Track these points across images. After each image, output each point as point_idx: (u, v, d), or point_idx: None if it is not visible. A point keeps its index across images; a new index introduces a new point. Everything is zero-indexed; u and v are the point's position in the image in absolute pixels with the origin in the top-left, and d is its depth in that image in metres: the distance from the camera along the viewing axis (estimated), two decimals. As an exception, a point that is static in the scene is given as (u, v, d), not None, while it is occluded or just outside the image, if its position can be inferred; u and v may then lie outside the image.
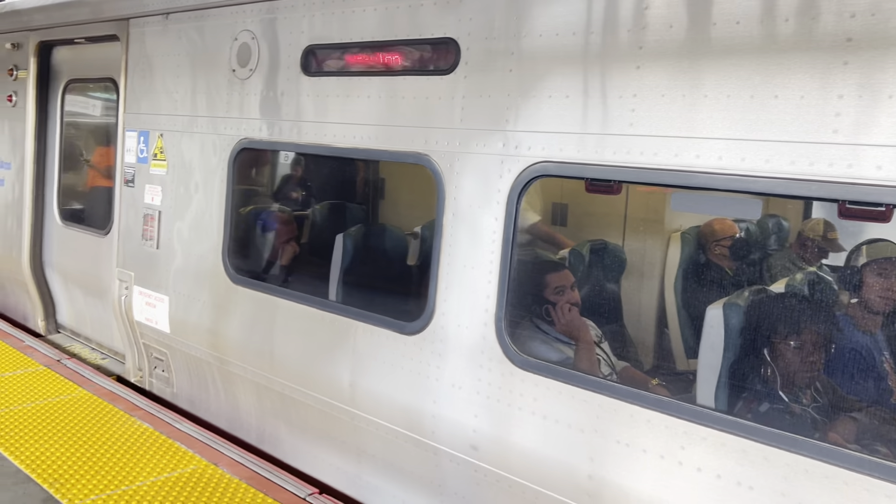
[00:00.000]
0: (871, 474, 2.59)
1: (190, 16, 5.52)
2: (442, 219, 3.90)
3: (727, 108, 2.93)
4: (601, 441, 3.30)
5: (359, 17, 4.34)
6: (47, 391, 5.70)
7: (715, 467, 2.96)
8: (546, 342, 3.94)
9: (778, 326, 3.35)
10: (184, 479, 4.44)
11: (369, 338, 4.28)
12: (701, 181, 3.01)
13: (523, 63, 3.59)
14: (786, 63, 2.79)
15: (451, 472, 3.95)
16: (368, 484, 4.48)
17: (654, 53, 3.14)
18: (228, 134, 5.21)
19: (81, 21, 6.72)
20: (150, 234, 5.92)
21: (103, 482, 4.35)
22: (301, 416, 4.84)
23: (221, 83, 5.26)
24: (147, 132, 5.98)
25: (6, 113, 7.99)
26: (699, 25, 3.01)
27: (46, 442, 4.83)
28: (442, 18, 3.93)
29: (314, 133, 4.59)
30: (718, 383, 3.32)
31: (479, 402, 3.75)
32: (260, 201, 5.81)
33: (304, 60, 4.66)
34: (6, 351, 6.57)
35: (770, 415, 3.26)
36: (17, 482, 4.31)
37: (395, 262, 5.14)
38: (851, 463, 2.64)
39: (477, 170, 3.76)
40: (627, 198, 4.76)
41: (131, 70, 6.11)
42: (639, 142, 3.18)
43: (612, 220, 4.89)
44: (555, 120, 3.46)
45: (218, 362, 5.40)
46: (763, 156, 2.84)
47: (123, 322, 6.31)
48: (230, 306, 5.21)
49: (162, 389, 6.16)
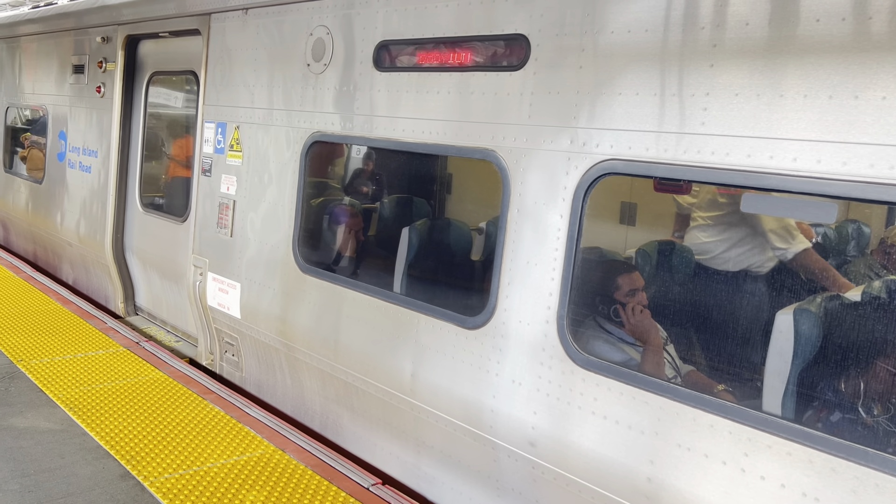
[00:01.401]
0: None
1: (268, 11, 5.67)
2: (507, 215, 3.91)
3: (804, 109, 2.84)
4: (661, 444, 3.25)
5: (431, 13, 4.38)
6: (126, 371, 5.97)
7: (779, 476, 2.89)
8: (609, 342, 3.91)
9: (851, 334, 3.24)
10: (252, 463, 4.59)
11: (431, 330, 4.33)
12: (774, 183, 2.93)
13: (594, 60, 3.56)
14: (868, 63, 2.69)
15: (508, 467, 3.96)
16: (427, 475, 4.54)
17: (728, 51, 3.07)
18: (302, 127, 5.34)
19: (166, 16, 6.98)
20: (225, 222, 6.12)
21: (176, 462, 4.54)
22: (363, 404, 4.93)
23: (296, 77, 5.39)
24: (224, 124, 6.18)
25: (95, 103, 8.37)
26: (777, 23, 2.93)
27: (125, 420, 5.07)
28: (513, 14, 3.93)
29: (384, 127, 4.66)
30: (786, 390, 3.23)
31: (538, 400, 3.75)
32: (330, 193, 5.94)
33: (376, 55, 4.73)
34: (90, 332, 6.91)
35: (840, 425, 3.15)
36: (97, 457, 4.54)
37: (459, 256, 5.18)
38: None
39: (543, 166, 3.75)
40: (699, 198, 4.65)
41: (211, 63, 6.32)
42: (710, 141, 3.12)
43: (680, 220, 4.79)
44: (624, 117, 3.42)
45: (285, 349, 5.55)
46: (840, 158, 2.74)
47: (197, 307, 6.54)
48: (299, 295, 5.35)
49: (231, 373, 6.37)
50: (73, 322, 7.15)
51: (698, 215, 4.35)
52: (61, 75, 9.20)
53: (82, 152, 8.63)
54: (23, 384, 5.55)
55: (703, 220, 4.33)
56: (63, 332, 6.81)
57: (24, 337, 6.61)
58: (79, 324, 7.11)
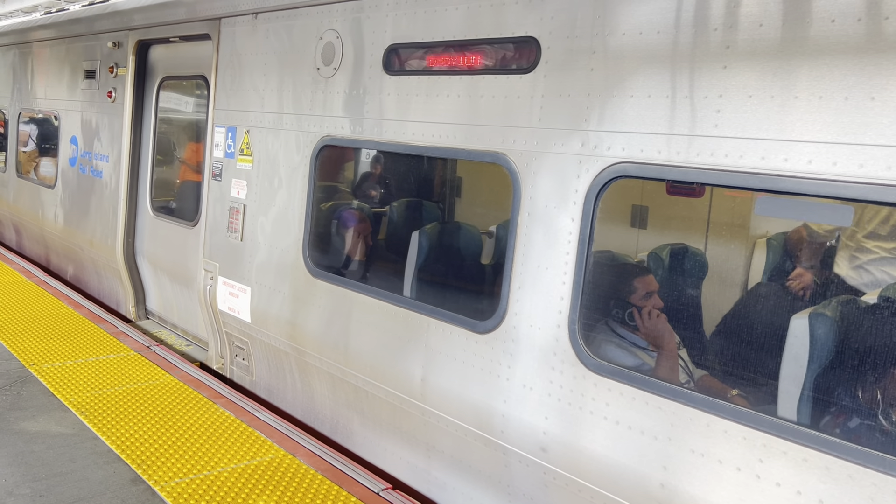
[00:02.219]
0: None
1: (278, 15, 5.68)
2: (517, 218, 3.89)
3: (819, 111, 2.81)
4: (675, 450, 3.22)
5: (440, 16, 4.37)
6: (137, 376, 5.98)
7: (795, 483, 2.85)
8: (621, 346, 3.87)
9: (868, 338, 3.19)
10: (262, 468, 4.58)
11: (442, 335, 4.31)
12: (788, 185, 2.90)
13: (605, 62, 3.53)
14: (884, 64, 2.65)
15: (519, 472, 3.93)
16: (437, 479, 4.52)
17: (742, 53, 3.04)
18: (311, 131, 5.34)
19: (177, 21, 7.00)
20: (235, 226, 6.12)
21: (186, 466, 4.53)
22: (373, 409, 4.91)
23: (306, 81, 5.39)
24: (235, 128, 6.19)
25: (106, 108, 8.41)
26: (791, 24, 2.90)
27: (136, 425, 5.07)
28: (524, 17, 3.91)
29: (394, 131, 4.65)
30: (801, 396, 3.19)
31: (549, 404, 3.72)
32: (340, 197, 5.93)
33: (385, 59, 4.73)
34: (101, 336, 6.93)
35: (857, 431, 3.11)
36: (108, 461, 4.54)
37: (469, 260, 5.16)
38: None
39: (554, 170, 3.73)
40: (711, 201, 4.62)
41: (221, 68, 6.33)
42: (723, 143, 3.08)
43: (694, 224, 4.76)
44: (636, 120, 3.40)
45: (296, 353, 5.54)
46: (857, 160, 2.70)
47: (207, 311, 6.55)
48: (309, 299, 5.34)
49: (242, 377, 6.37)
50: (85, 326, 7.17)
51: (877, 246, 3.71)
52: (73, 81, 9.25)
53: (94, 157, 8.67)
54: (34, 388, 5.57)
55: (886, 252, 3.66)
56: (75, 337, 6.83)
57: (36, 341, 6.63)
58: (90, 328, 7.13)
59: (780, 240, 4.68)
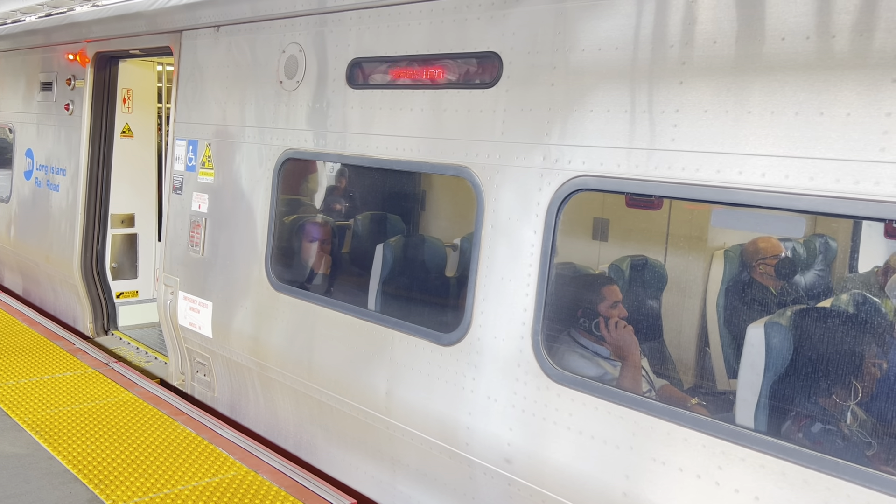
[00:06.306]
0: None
1: (240, 28, 5.66)
2: (481, 231, 3.92)
3: (771, 125, 2.90)
4: (637, 458, 3.26)
5: (404, 30, 4.40)
6: (95, 393, 5.85)
7: (753, 489, 2.91)
8: (584, 357, 3.92)
9: (820, 346, 3.28)
10: (224, 485, 4.51)
11: (406, 348, 4.31)
12: (743, 198, 2.98)
13: (565, 77, 3.59)
14: (832, 80, 2.75)
15: (484, 484, 3.94)
16: (402, 493, 4.50)
17: (697, 69, 3.12)
18: (274, 144, 5.32)
19: (136, 33, 6.93)
20: (196, 240, 6.05)
21: (146, 485, 4.45)
22: (337, 424, 4.88)
23: (269, 94, 5.37)
24: (196, 141, 6.13)
25: (63, 121, 8.26)
26: (744, 41, 2.99)
27: (93, 443, 4.96)
28: (486, 33, 3.96)
29: (358, 144, 4.66)
30: (758, 403, 3.26)
31: (514, 416, 3.74)
32: (303, 211, 5.91)
33: (349, 73, 4.74)
34: (57, 353, 6.77)
35: (811, 437, 3.18)
36: (64, 482, 4.43)
37: (433, 272, 5.17)
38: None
39: (517, 183, 3.77)
40: (670, 214, 4.70)
41: (182, 81, 6.27)
42: (681, 157, 3.15)
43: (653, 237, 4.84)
44: (595, 134, 3.46)
45: (258, 368, 5.48)
46: (807, 173, 2.79)
47: (168, 327, 6.45)
48: (271, 313, 5.30)
49: (203, 394, 6.28)
50: (40, 343, 7.00)
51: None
52: (29, 93, 9.07)
53: (50, 170, 8.50)
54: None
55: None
56: (29, 354, 6.66)
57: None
58: (46, 345, 6.96)
59: (736, 251, 4.79)
